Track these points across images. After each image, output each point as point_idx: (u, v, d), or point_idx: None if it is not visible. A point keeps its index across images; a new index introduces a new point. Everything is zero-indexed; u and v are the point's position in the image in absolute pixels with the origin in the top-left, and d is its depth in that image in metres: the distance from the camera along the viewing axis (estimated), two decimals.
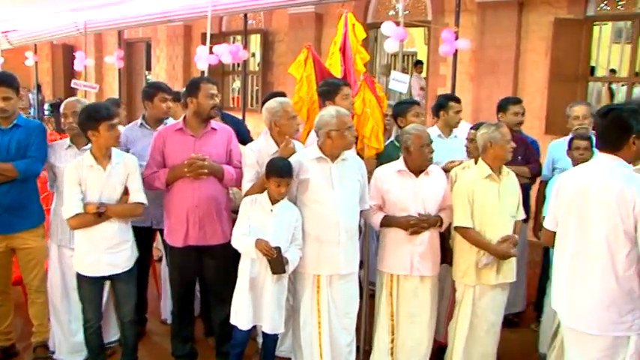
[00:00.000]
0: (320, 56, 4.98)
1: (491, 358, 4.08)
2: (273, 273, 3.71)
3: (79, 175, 3.81)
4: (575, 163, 4.44)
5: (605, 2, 8.16)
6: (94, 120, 3.75)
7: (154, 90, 4.71)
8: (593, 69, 8.65)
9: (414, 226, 3.97)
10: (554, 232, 3.23)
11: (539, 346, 4.62)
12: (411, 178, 4.04)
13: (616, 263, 2.90)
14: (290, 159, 3.83)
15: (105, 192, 3.84)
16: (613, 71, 9.05)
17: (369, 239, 4.71)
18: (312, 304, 3.91)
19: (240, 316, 3.84)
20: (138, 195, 3.94)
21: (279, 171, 3.70)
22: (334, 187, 3.81)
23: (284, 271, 3.73)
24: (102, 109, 3.82)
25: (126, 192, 3.94)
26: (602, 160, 3.04)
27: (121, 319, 4.15)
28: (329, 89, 4.42)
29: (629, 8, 8.00)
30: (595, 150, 4.33)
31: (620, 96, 8.50)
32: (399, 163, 4.09)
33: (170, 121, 4.74)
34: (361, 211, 4.05)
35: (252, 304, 3.81)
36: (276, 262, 3.67)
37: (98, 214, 3.78)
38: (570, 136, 4.79)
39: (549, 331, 4.13)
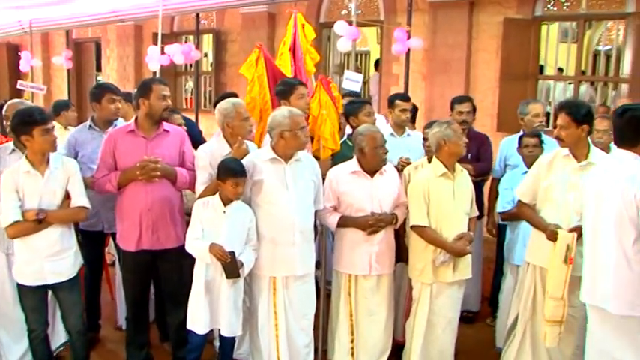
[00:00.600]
0: (272, 56, 4.96)
1: (448, 355, 4.12)
2: (228, 277, 3.67)
3: (15, 182, 3.65)
4: (525, 160, 4.53)
5: (552, 3, 8.36)
6: (27, 125, 3.58)
7: (101, 91, 4.59)
8: (541, 67, 8.84)
9: (372, 226, 3.98)
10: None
11: (495, 341, 4.69)
12: (367, 178, 4.05)
13: (625, 249, 3.04)
14: (243, 160, 3.79)
15: (44, 198, 3.70)
16: (560, 70, 9.27)
17: (326, 239, 4.69)
18: (269, 305, 3.88)
19: (197, 320, 3.78)
20: (80, 199, 3.82)
21: (234, 171, 3.66)
22: (288, 188, 3.79)
23: (238, 275, 3.69)
24: (35, 113, 3.64)
25: (68, 196, 3.81)
26: (619, 155, 3.23)
27: (69, 331, 4.00)
28: (284, 89, 4.40)
29: (574, 9, 8.22)
30: (543, 146, 4.48)
31: (568, 94, 8.70)
32: (354, 164, 4.09)
33: (120, 122, 4.65)
34: (316, 212, 4.03)
35: (209, 308, 3.76)
36: (230, 266, 3.63)
37: (38, 221, 3.64)
38: (520, 133, 4.88)
39: (505, 326, 4.19)
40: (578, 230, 3.55)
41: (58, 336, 4.37)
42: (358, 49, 10.91)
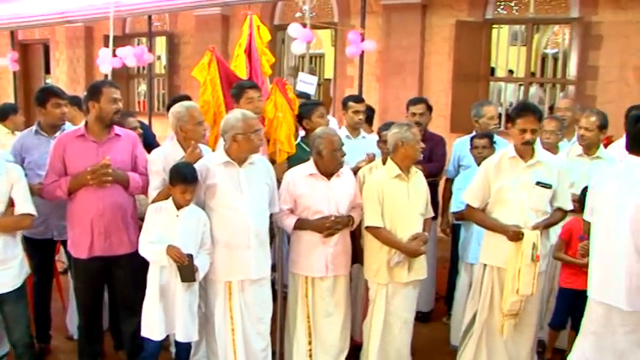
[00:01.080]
0: (227, 59, 4.91)
1: (405, 354, 4.15)
2: (183, 281, 3.62)
3: None
4: (476, 160, 4.60)
5: (502, 6, 8.55)
6: None
7: (46, 95, 4.47)
8: (493, 69, 9.01)
9: (330, 229, 3.98)
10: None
11: (451, 340, 4.74)
12: (324, 181, 4.06)
13: (638, 246, 3.17)
14: (196, 164, 3.75)
15: None
16: (511, 72, 9.46)
17: (282, 242, 4.68)
18: (225, 310, 3.84)
19: (152, 327, 3.71)
20: (24, 206, 3.72)
21: (184, 177, 3.61)
22: (243, 191, 3.76)
23: (194, 279, 3.64)
24: None
25: (12, 204, 3.70)
26: (634, 161, 3.30)
27: (14, 344, 3.87)
28: (236, 92, 4.37)
29: (523, 13, 8.43)
30: (495, 147, 4.56)
31: (518, 95, 8.90)
32: (310, 167, 4.08)
33: (69, 127, 4.54)
34: (272, 215, 4.02)
35: (164, 313, 3.70)
36: (187, 269, 3.58)
37: None
38: (473, 134, 4.95)
39: (460, 324, 4.25)
40: (539, 227, 3.70)
41: (1, 346, 4.23)
42: (312, 51, 10.96)
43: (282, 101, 4.40)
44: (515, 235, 3.68)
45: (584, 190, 4.07)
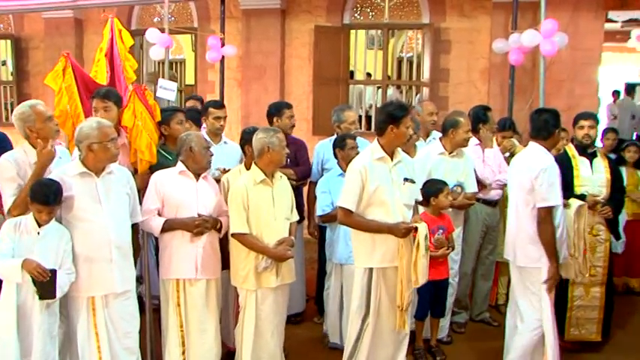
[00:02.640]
0: (82, 65, 4.68)
1: (278, 358, 4.15)
2: (41, 298, 3.42)
3: None
4: (340, 163, 4.69)
5: (359, 12, 8.85)
6: None
7: None
8: (352, 73, 9.29)
9: (199, 226, 3.95)
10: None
11: (330, 337, 4.81)
12: (192, 180, 4.05)
13: (527, 216, 4.04)
14: (51, 176, 3.56)
15: None
16: (369, 75, 9.79)
17: (148, 253, 4.54)
18: (89, 328, 3.66)
19: (6, 355, 3.44)
20: None
21: (45, 200, 3.43)
22: (101, 202, 3.62)
23: (54, 296, 3.44)
24: None
25: None
26: (532, 146, 4.16)
27: None
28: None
29: (379, 18, 8.79)
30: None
31: (377, 97, 9.23)
32: (179, 165, 4.07)
33: None
34: (136, 226, 3.91)
35: (19, 338, 3.44)
36: (47, 285, 3.38)
37: None
38: (334, 136, 5.05)
39: (336, 322, 4.30)
40: (419, 220, 3.88)
41: None
42: (173, 57, 10.73)
43: (141, 109, 4.24)
44: (408, 232, 3.77)
45: (425, 183, 4.35)
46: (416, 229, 3.76)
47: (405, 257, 3.77)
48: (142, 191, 4.05)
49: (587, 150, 4.84)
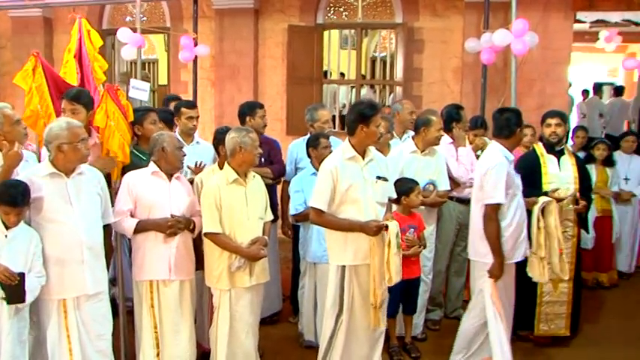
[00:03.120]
0: (52, 65, 4.62)
1: (253, 357, 4.14)
2: (10, 303, 3.37)
3: None
4: (313, 163, 4.70)
5: (332, 12, 8.87)
6: None
7: None
8: (326, 72, 9.30)
9: (172, 227, 3.93)
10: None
11: (305, 336, 4.81)
12: (165, 180, 4.03)
13: (477, 211, 4.22)
14: (19, 177, 3.52)
15: None
16: (343, 74, 9.82)
17: (122, 254, 4.50)
18: (61, 331, 3.63)
19: None
20: None
21: (12, 201, 3.39)
22: (72, 203, 3.60)
23: (23, 301, 3.40)
24: None
25: None
26: (493, 144, 4.29)
27: None
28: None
29: (352, 18, 8.81)
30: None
31: (351, 97, 9.26)
32: (151, 166, 4.05)
33: None
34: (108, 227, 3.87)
35: None
36: (16, 289, 3.34)
37: None
38: (308, 135, 5.05)
39: (311, 321, 4.31)
40: (390, 218, 3.91)
41: None
42: (145, 57, 10.65)
43: (113, 109, 4.20)
44: (379, 230, 3.79)
45: (396, 182, 4.41)
46: (387, 227, 3.78)
47: (378, 255, 3.78)
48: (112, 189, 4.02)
49: (554, 148, 4.92)
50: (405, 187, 4.53)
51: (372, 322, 3.89)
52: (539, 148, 4.98)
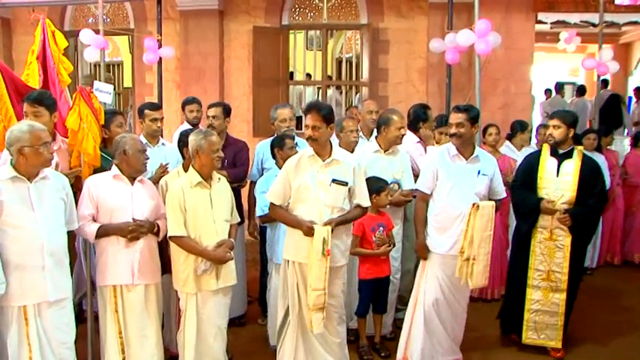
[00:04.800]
0: (12, 67, 4.52)
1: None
2: None
3: None
4: (283, 161, 4.69)
5: (298, 13, 8.87)
6: None
7: None
8: (292, 73, 9.30)
9: (134, 231, 3.89)
10: None
11: (270, 340, 4.80)
12: (127, 184, 3.98)
13: None
14: None
15: None
16: (309, 75, 9.83)
17: (90, 258, 4.43)
18: (21, 339, 3.53)
19: None
20: None
21: None
22: (34, 208, 3.52)
23: None
24: None
25: None
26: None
27: None
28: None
29: (317, 19, 8.82)
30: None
31: (317, 97, 9.28)
32: (113, 169, 4.01)
33: None
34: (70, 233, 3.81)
35: None
36: None
37: None
38: (274, 136, 5.04)
39: (277, 324, 4.30)
40: (332, 223, 3.86)
41: None
42: (110, 59, 10.51)
43: (87, 111, 4.15)
44: (309, 231, 3.83)
45: (366, 181, 4.35)
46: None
47: (310, 257, 3.84)
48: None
49: (557, 150, 4.75)
50: (375, 186, 4.54)
51: (307, 323, 3.93)
52: (545, 149, 4.83)
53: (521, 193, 4.84)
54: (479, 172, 4.35)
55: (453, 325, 4.48)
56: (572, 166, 4.68)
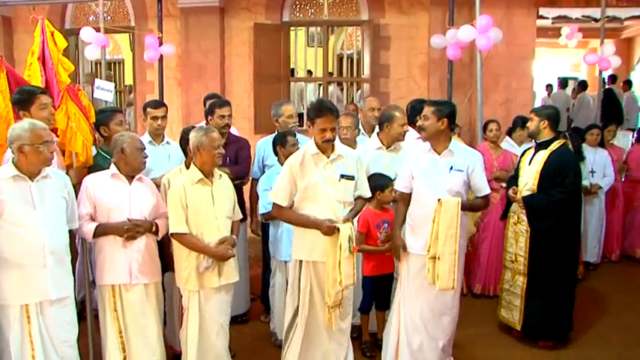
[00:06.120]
0: (14, 66, 4.51)
1: (224, 358, 4.12)
2: None
3: None
4: (285, 158, 4.68)
5: (298, 9, 8.86)
6: None
7: None
8: (293, 70, 9.29)
9: (129, 231, 3.88)
10: None
11: (277, 335, 4.80)
12: (125, 183, 3.97)
13: None
14: None
15: None
16: (310, 72, 9.82)
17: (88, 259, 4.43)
18: (23, 337, 3.53)
19: None
20: None
21: None
22: (36, 207, 3.51)
23: None
24: None
25: None
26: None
27: None
28: (23, 98, 4.02)
29: (318, 16, 8.80)
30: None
31: (318, 94, 9.28)
32: (111, 168, 3.99)
33: None
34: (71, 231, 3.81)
35: None
36: None
37: None
38: (275, 133, 5.03)
39: (283, 320, 4.30)
40: (350, 219, 3.89)
41: None
42: (111, 57, 10.51)
43: (74, 110, 4.12)
44: (331, 230, 3.80)
45: (370, 177, 4.42)
46: (338, 229, 3.79)
47: (331, 256, 3.82)
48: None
49: (537, 142, 4.97)
50: (380, 182, 4.53)
51: (325, 321, 3.93)
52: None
53: (509, 183, 5.14)
54: (451, 168, 4.13)
55: (436, 327, 4.27)
56: (541, 156, 4.84)
